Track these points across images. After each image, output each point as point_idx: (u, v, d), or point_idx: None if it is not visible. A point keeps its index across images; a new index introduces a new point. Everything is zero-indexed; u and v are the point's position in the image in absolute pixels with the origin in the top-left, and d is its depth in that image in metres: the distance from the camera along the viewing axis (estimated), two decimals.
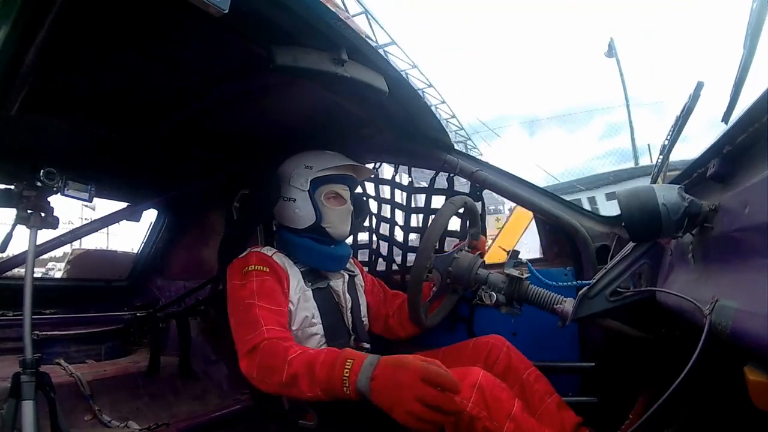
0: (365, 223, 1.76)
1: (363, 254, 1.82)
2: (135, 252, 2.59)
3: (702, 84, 1.03)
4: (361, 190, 1.72)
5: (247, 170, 1.73)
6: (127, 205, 2.07)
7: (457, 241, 1.42)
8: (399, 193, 1.72)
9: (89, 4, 0.82)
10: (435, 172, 1.59)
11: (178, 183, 1.98)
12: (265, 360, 0.99)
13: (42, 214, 1.15)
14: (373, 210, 1.79)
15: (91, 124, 1.39)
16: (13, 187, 1.13)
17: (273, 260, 1.19)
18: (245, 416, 1.74)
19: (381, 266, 1.77)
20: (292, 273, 1.21)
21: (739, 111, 0.65)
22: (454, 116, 13.47)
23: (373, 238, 1.81)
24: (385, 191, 1.78)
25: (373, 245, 1.80)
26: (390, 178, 1.73)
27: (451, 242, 1.49)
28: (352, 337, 1.31)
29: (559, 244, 1.50)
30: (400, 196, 1.73)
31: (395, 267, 1.74)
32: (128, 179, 1.94)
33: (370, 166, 1.67)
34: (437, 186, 1.63)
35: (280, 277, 1.17)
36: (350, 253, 1.41)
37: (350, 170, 1.34)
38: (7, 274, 1.85)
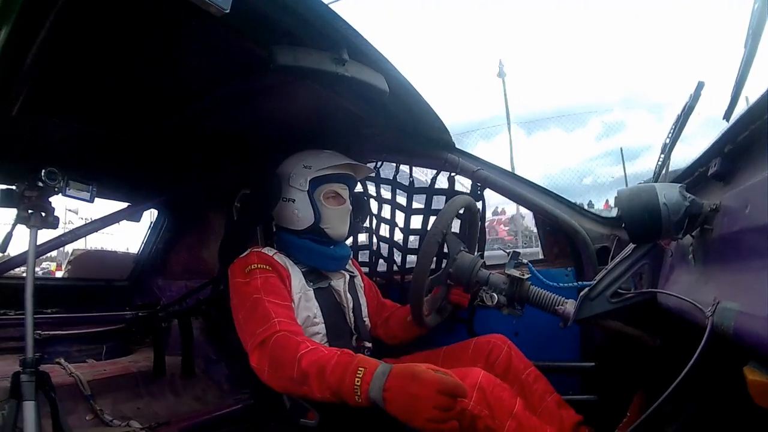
0: (365, 224, 1.76)
1: (363, 255, 1.82)
2: (133, 252, 2.59)
3: (702, 83, 1.03)
4: (361, 190, 1.72)
5: (248, 170, 1.73)
6: (127, 205, 2.08)
7: None
8: (399, 192, 1.72)
9: (90, 5, 0.82)
10: (436, 171, 1.59)
11: (179, 183, 1.98)
12: (277, 352, 0.97)
13: (43, 213, 1.15)
14: (374, 210, 1.79)
15: (92, 125, 1.39)
16: (14, 188, 1.13)
17: (274, 259, 1.19)
18: (246, 415, 1.74)
19: (381, 267, 1.77)
20: (293, 272, 1.21)
21: (740, 109, 0.65)
22: None
23: (373, 240, 1.81)
24: (385, 191, 1.78)
25: (373, 246, 1.80)
26: (391, 177, 1.73)
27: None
28: (354, 337, 1.31)
29: (560, 245, 1.50)
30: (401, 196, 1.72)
31: (395, 268, 1.74)
32: (129, 179, 1.94)
33: (371, 165, 1.67)
34: (437, 186, 1.63)
35: (282, 275, 1.17)
36: (350, 254, 1.41)
37: (349, 169, 1.34)
38: (8, 273, 1.85)
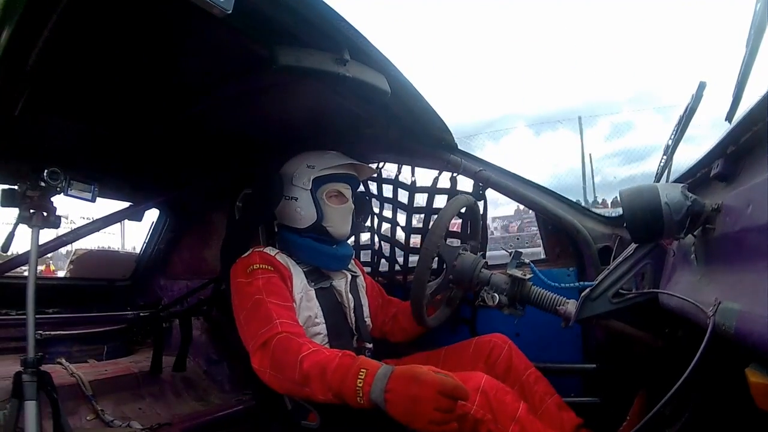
0: (367, 224, 1.76)
1: (365, 255, 1.82)
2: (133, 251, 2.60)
3: (704, 84, 1.02)
4: (363, 189, 1.72)
5: (249, 170, 1.74)
6: (129, 205, 2.08)
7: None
8: (401, 192, 1.72)
9: (93, 5, 0.82)
10: (438, 171, 1.59)
11: (181, 183, 1.98)
12: (279, 354, 0.96)
13: (44, 213, 1.15)
14: (375, 210, 1.79)
15: (94, 124, 1.39)
16: (16, 187, 1.13)
17: (276, 259, 1.19)
18: (247, 416, 1.73)
19: (383, 267, 1.77)
20: (295, 272, 1.21)
21: (742, 110, 0.65)
22: None
23: (375, 239, 1.81)
24: (387, 191, 1.77)
25: (375, 246, 1.80)
26: (393, 177, 1.73)
27: (451, 243, 1.48)
28: (355, 337, 1.31)
29: (562, 245, 1.50)
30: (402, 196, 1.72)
31: (398, 267, 1.74)
32: (131, 179, 1.94)
33: (373, 165, 1.67)
34: (440, 186, 1.62)
35: (284, 276, 1.17)
36: (352, 254, 1.41)
37: (352, 169, 1.35)
38: (10, 273, 1.85)
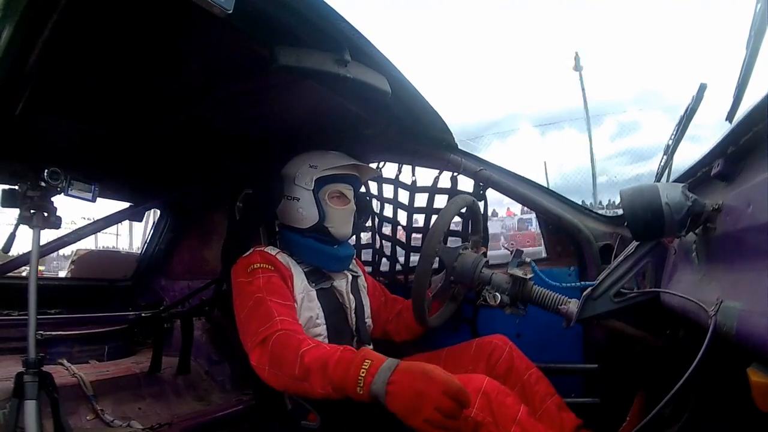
0: (368, 223, 1.76)
1: (366, 254, 1.82)
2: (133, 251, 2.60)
3: (705, 86, 1.02)
4: (364, 190, 1.72)
5: (250, 170, 1.74)
6: (129, 205, 2.08)
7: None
8: (402, 192, 1.72)
9: (93, 5, 0.83)
10: (438, 171, 1.59)
11: (181, 183, 1.98)
12: (278, 351, 0.96)
13: (45, 213, 1.15)
14: (376, 210, 1.79)
15: (95, 124, 1.39)
16: (17, 187, 1.13)
17: (277, 259, 1.19)
18: (247, 416, 1.73)
19: (384, 266, 1.77)
20: (296, 273, 1.21)
21: (743, 110, 0.65)
22: None
23: (376, 239, 1.81)
24: (387, 190, 1.78)
25: (376, 245, 1.80)
26: (393, 177, 1.73)
27: (452, 242, 1.48)
28: (355, 339, 1.31)
29: (563, 244, 1.50)
30: (403, 195, 1.72)
31: (399, 267, 1.74)
32: (131, 179, 1.94)
33: (374, 165, 1.67)
34: (440, 185, 1.62)
35: (285, 275, 1.17)
36: (353, 254, 1.41)
37: (354, 170, 1.35)
38: (11, 274, 1.86)
